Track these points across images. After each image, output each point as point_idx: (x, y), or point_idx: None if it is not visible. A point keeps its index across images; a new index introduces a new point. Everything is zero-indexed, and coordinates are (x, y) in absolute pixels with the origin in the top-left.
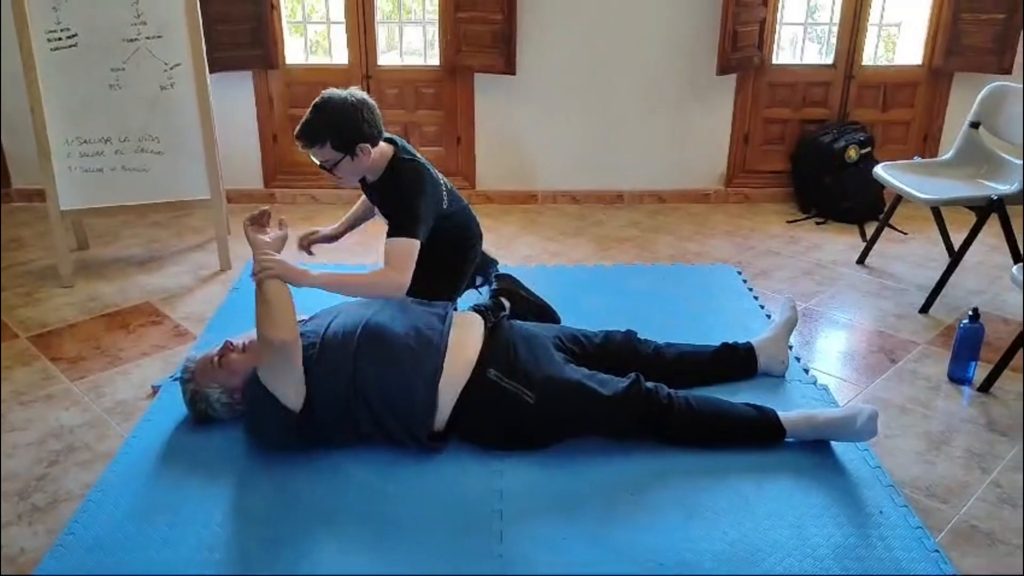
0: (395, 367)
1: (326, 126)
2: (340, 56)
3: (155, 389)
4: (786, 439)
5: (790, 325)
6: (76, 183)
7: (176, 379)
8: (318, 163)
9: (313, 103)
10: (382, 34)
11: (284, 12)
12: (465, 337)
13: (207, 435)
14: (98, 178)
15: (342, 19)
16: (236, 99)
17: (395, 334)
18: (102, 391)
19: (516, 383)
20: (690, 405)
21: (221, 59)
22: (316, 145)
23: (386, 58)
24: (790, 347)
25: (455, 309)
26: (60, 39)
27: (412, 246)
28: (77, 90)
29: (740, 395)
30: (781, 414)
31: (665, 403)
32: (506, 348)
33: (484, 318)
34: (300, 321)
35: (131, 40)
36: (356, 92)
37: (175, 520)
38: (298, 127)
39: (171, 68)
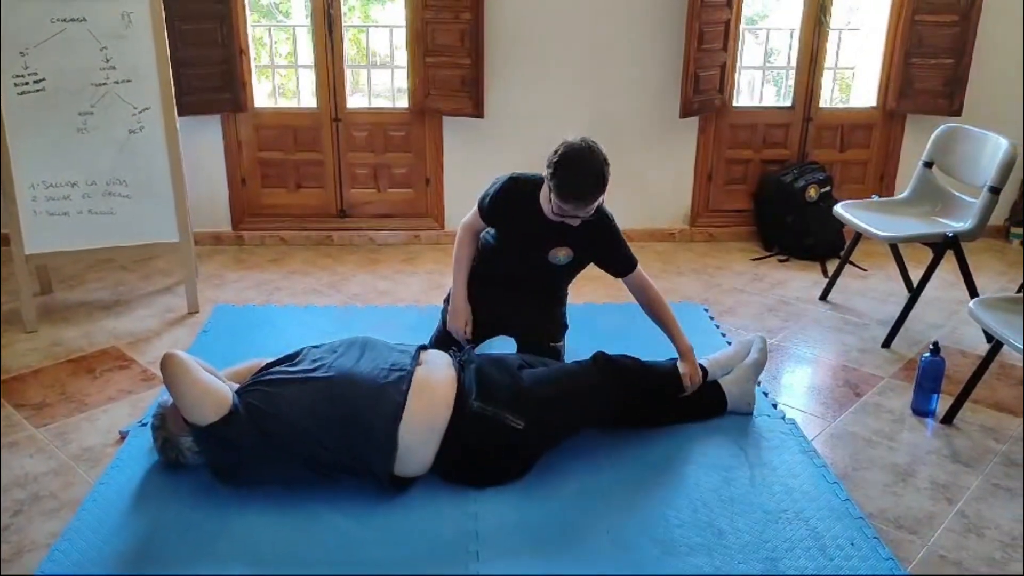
0: (353, 406)
1: (605, 173)
2: (308, 99)
3: (123, 435)
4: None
5: (757, 367)
6: (42, 227)
7: (145, 424)
8: (581, 215)
9: (576, 157)
10: (348, 77)
11: (252, 56)
12: (435, 374)
13: (176, 482)
14: (64, 222)
15: (310, 62)
16: (205, 142)
17: (360, 374)
18: (68, 437)
19: (500, 409)
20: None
21: (190, 103)
22: (599, 196)
23: (353, 101)
24: (758, 383)
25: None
26: (27, 83)
27: None
28: (44, 134)
29: (710, 433)
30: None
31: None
32: (481, 376)
33: (451, 355)
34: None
35: (100, 84)
36: (583, 139)
37: (144, 569)
38: (578, 187)
39: (140, 112)
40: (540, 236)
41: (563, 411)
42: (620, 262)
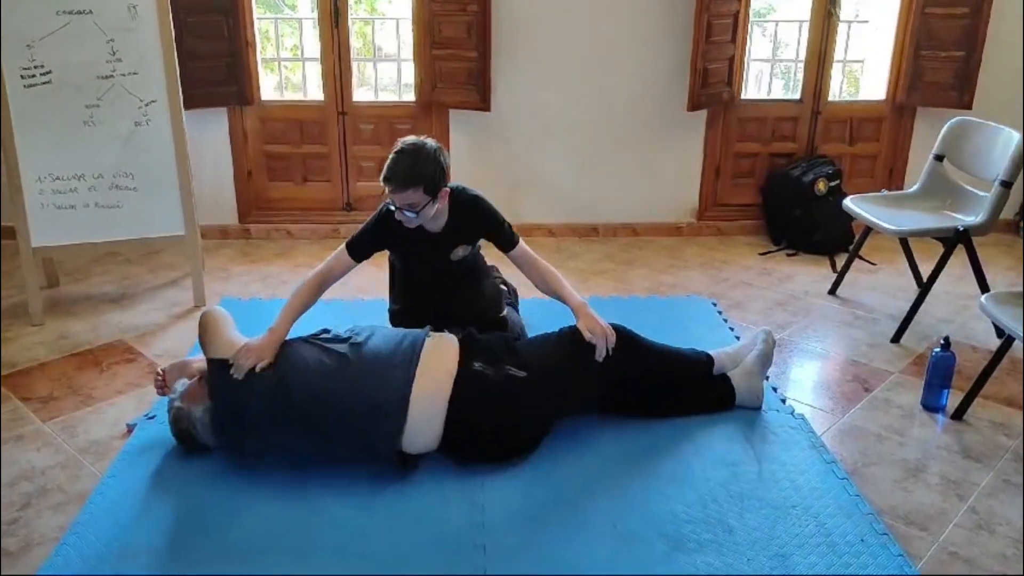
0: (365, 380)
1: (420, 171)
2: (314, 92)
3: (130, 428)
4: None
5: (763, 359)
6: (48, 220)
7: (152, 417)
8: (400, 206)
9: (402, 148)
10: (354, 70)
11: (258, 49)
12: (440, 347)
13: (184, 474)
14: (70, 215)
15: (316, 56)
16: (211, 135)
17: (374, 350)
18: (75, 431)
19: (503, 365)
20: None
21: (196, 96)
22: (409, 188)
23: (359, 94)
24: (766, 378)
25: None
26: (34, 76)
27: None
28: (50, 127)
29: (719, 427)
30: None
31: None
32: (483, 343)
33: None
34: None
35: (106, 77)
36: (431, 140)
37: (152, 562)
38: (389, 170)
39: (146, 105)
40: (434, 244)
41: (563, 360)
42: (501, 238)
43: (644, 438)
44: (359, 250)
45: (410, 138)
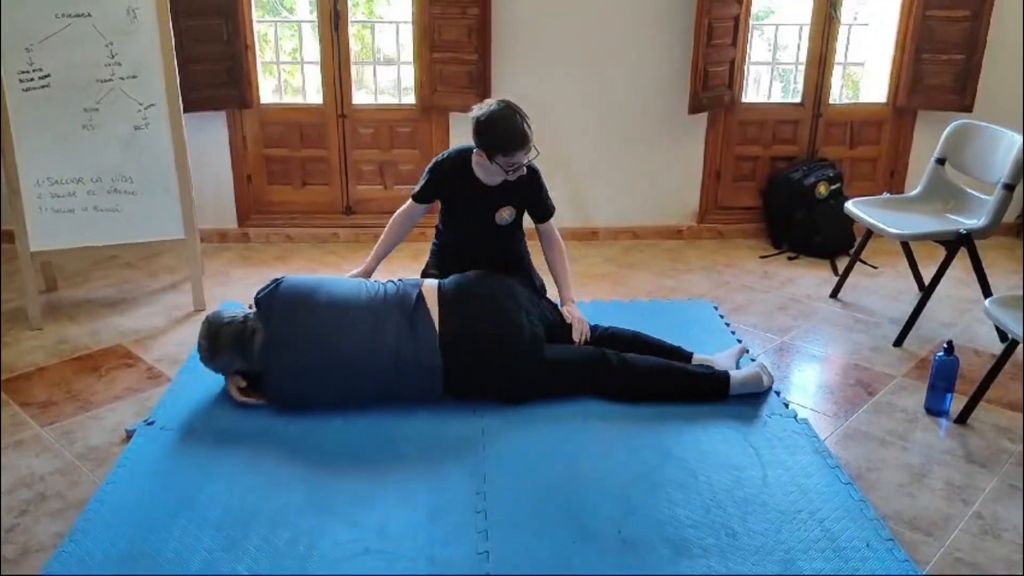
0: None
1: (529, 128)
2: (313, 96)
3: (129, 434)
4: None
5: (749, 377)
6: (47, 224)
7: (151, 424)
8: (519, 163)
9: (506, 112)
10: (354, 73)
11: (258, 52)
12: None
13: (184, 479)
14: (69, 219)
15: (315, 59)
16: (210, 139)
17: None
18: (74, 436)
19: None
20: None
21: (195, 99)
22: (530, 146)
23: (358, 97)
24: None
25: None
26: (32, 80)
27: None
28: (49, 131)
29: (723, 432)
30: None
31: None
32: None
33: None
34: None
35: (105, 80)
36: (502, 101)
37: (152, 569)
38: (521, 136)
39: (145, 108)
40: (483, 201)
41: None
42: (543, 209)
43: (648, 443)
44: (423, 196)
45: (492, 107)
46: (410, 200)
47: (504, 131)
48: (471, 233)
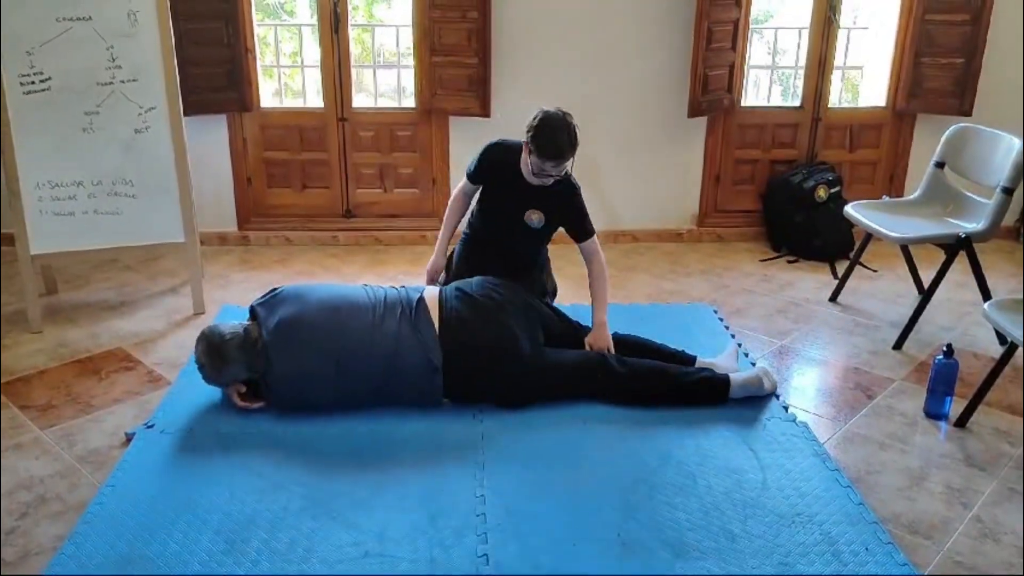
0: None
1: (575, 142)
2: (313, 99)
3: (129, 437)
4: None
5: (749, 381)
6: (47, 227)
7: (151, 427)
8: (547, 172)
9: (570, 129)
10: (354, 76)
11: (258, 55)
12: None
13: (184, 483)
14: (69, 221)
15: (315, 62)
16: (210, 142)
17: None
18: (73, 439)
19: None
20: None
21: (196, 102)
22: (569, 158)
23: (358, 100)
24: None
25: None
26: (33, 83)
27: None
28: (50, 133)
29: (722, 436)
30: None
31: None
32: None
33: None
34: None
35: (106, 84)
36: (558, 110)
37: (151, 572)
38: (557, 148)
39: (146, 111)
40: (518, 196)
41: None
42: (581, 229)
43: (648, 446)
44: (475, 176)
45: (550, 112)
46: (465, 179)
47: (544, 136)
48: (498, 226)
